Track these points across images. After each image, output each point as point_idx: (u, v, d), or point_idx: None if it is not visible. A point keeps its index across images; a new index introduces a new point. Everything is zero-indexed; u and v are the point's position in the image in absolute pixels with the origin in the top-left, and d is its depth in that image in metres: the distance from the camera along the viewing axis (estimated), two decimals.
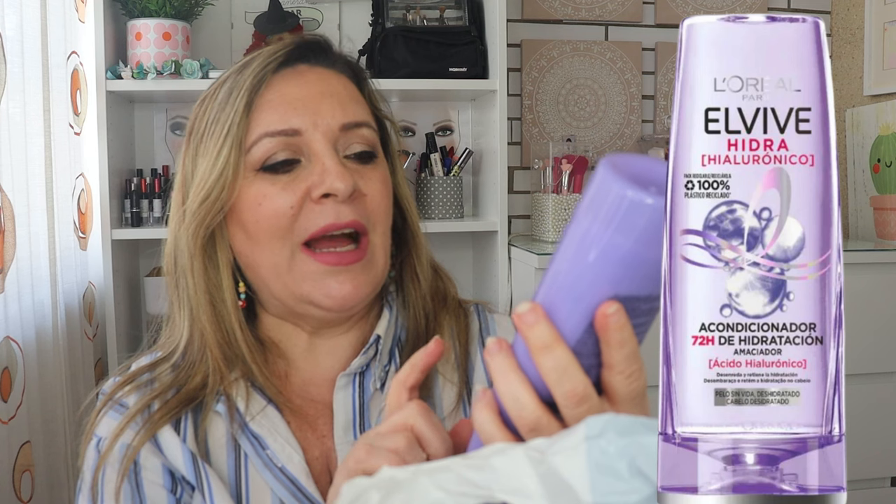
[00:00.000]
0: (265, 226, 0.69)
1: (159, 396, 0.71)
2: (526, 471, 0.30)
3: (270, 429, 0.70)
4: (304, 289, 0.69)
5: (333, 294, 0.68)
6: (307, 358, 0.75)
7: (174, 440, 0.69)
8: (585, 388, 0.38)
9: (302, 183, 0.69)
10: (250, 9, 2.00)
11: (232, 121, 0.69)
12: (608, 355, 0.38)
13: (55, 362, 1.53)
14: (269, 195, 0.68)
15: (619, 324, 0.37)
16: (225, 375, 0.71)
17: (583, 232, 0.36)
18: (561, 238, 0.38)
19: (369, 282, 0.71)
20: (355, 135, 0.71)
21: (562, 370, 0.38)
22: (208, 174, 0.69)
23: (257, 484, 0.69)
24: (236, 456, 0.70)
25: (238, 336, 0.71)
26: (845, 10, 2.25)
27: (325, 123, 0.69)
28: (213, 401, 0.71)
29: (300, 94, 0.70)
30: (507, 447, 0.31)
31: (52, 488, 1.51)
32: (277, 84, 0.71)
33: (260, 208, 0.69)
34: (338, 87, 0.72)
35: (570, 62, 2.20)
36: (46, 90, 1.53)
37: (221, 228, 0.72)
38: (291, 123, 0.69)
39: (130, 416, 0.70)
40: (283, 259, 0.69)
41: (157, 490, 0.68)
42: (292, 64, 0.73)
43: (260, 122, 0.70)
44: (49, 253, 1.54)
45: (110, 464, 0.68)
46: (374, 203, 0.71)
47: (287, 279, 0.69)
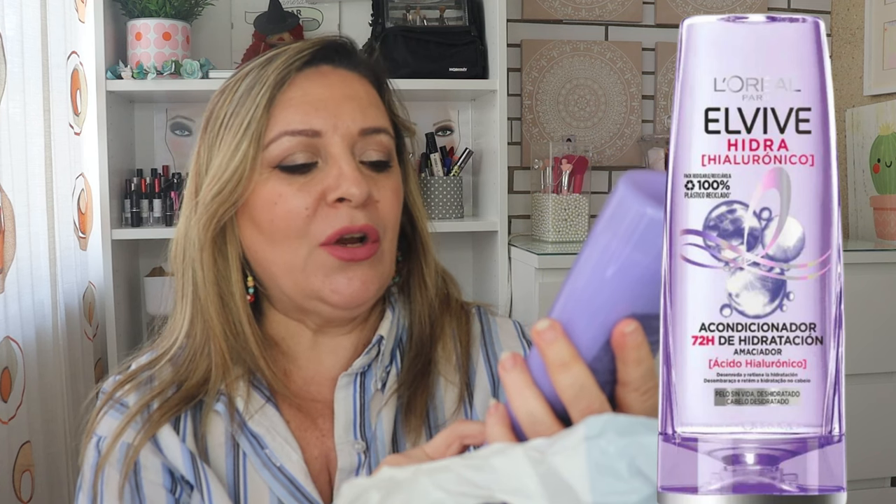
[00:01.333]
0: (281, 226, 0.68)
1: (159, 395, 0.71)
2: (526, 471, 0.30)
3: (269, 428, 0.70)
4: (315, 284, 0.69)
5: (342, 290, 0.69)
6: (310, 356, 0.76)
7: (173, 440, 0.69)
8: (602, 406, 0.38)
9: (318, 185, 0.69)
10: (250, 9, 2.00)
11: (252, 115, 0.69)
12: (624, 373, 0.38)
13: (55, 362, 1.53)
14: (285, 195, 0.68)
15: (636, 342, 0.37)
16: (228, 370, 0.71)
17: (601, 248, 0.36)
18: (578, 256, 0.38)
19: (376, 280, 0.71)
20: (373, 140, 0.71)
21: (579, 387, 0.37)
22: (224, 168, 0.69)
23: (256, 483, 0.69)
24: (235, 455, 0.70)
25: (246, 329, 0.71)
26: (845, 10, 2.25)
27: (344, 126, 0.69)
28: (213, 400, 0.71)
29: (322, 95, 0.70)
30: (507, 447, 0.31)
31: (52, 488, 1.51)
32: (301, 82, 0.71)
33: (275, 208, 0.69)
34: (359, 91, 0.72)
35: (570, 62, 2.20)
36: (46, 90, 1.53)
37: (232, 222, 0.72)
38: (312, 124, 0.69)
39: (131, 416, 0.70)
40: (300, 258, 0.69)
41: (156, 490, 0.68)
42: (316, 64, 0.72)
43: (280, 119, 0.69)
44: (49, 253, 1.54)
45: (111, 463, 0.68)
46: (385, 210, 0.71)
47: (299, 276, 0.69)
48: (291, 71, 0.70)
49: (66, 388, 1.56)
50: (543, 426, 0.38)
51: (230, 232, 0.72)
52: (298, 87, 0.70)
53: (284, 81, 0.70)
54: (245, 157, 0.68)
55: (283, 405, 0.73)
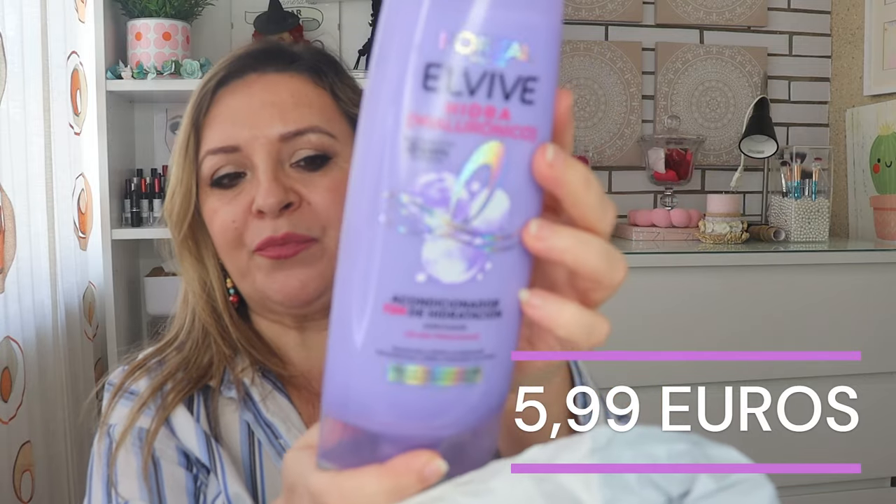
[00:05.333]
0: (220, 239, 0.71)
1: (171, 377, 0.72)
2: (529, 491, 0.29)
3: (283, 418, 0.71)
4: (259, 285, 0.70)
5: (281, 288, 0.69)
6: (300, 353, 0.76)
7: (188, 422, 0.70)
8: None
9: (246, 196, 0.69)
10: (250, 9, 2.00)
11: (183, 139, 0.71)
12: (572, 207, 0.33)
13: (55, 362, 1.53)
14: (218, 210, 0.70)
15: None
16: (231, 359, 0.72)
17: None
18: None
19: (317, 278, 0.70)
20: (300, 142, 0.70)
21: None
22: (172, 188, 0.72)
23: (272, 472, 0.69)
24: (250, 443, 0.70)
25: (232, 332, 0.73)
26: (845, 10, 2.25)
27: (263, 136, 0.69)
28: (224, 387, 0.72)
29: (242, 107, 0.70)
30: (507, 467, 0.30)
31: (52, 488, 1.51)
32: (224, 98, 0.71)
33: (213, 223, 0.71)
34: (283, 95, 0.71)
35: (569, 62, 2.20)
36: (46, 90, 1.53)
37: (204, 232, 0.74)
38: (232, 140, 0.69)
39: (143, 400, 0.70)
40: (243, 263, 0.71)
41: (175, 470, 0.68)
42: (242, 74, 0.72)
43: (206, 138, 0.71)
44: (49, 253, 1.54)
45: (126, 449, 0.68)
46: (322, 209, 0.70)
47: (247, 280, 0.71)
48: (209, 91, 0.71)
49: (66, 388, 1.56)
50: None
51: (203, 242, 0.74)
52: (222, 103, 0.71)
53: (204, 102, 0.71)
54: (181, 179, 0.71)
55: (294, 394, 0.73)
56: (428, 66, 0.29)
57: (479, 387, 0.32)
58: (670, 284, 1.68)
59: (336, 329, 0.32)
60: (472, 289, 0.30)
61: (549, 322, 0.32)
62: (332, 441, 0.33)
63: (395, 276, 0.30)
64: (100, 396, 0.76)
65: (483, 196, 0.30)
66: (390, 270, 0.30)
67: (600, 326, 0.33)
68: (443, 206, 0.30)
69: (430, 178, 0.29)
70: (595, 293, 0.34)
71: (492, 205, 0.30)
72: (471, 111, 0.29)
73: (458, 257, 0.30)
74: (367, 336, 0.30)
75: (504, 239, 0.30)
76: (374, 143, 0.30)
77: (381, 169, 0.30)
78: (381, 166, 0.30)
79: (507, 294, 0.31)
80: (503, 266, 0.31)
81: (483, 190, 0.30)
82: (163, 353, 0.75)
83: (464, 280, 0.30)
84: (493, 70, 0.29)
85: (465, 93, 0.29)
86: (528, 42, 0.29)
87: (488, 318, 0.31)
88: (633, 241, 1.94)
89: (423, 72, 0.29)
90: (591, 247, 0.32)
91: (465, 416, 0.32)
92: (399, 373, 0.30)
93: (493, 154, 0.30)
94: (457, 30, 0.29)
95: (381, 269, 0.30)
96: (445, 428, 0.32)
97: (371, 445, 0.33)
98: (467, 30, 0.29)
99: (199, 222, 0.73)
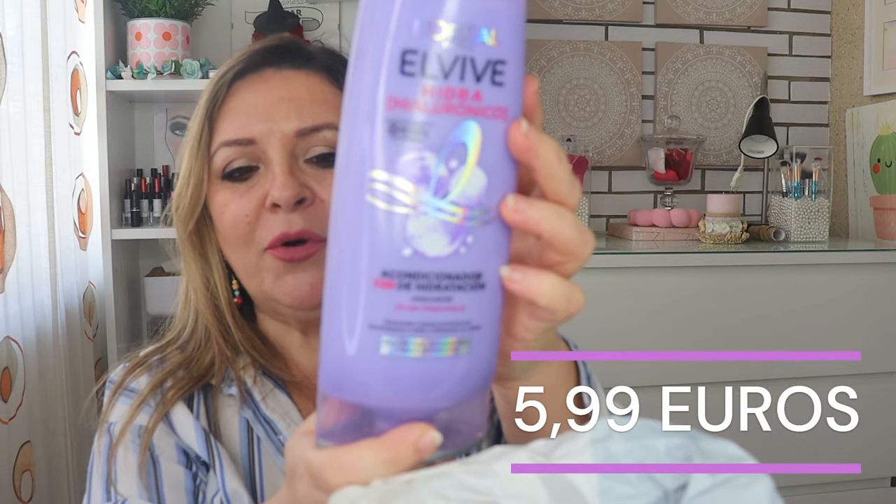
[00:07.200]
0: (230, 234, 0.70)
1: (171, 374, 0.72)
2: (530, 475, 0.29)
3: (283, 415, 0.71)
4: (267, 288, 0.70)
5: (291, 292, 0.69)
6: (303, 354, 0.76)
7: (187, 418, 0.70)
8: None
9: (259, 190, 0.69)
10: (250, 9, 2.00)
11: (196, 131, 0.71)
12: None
13: (55, 362, 1.53)
14: (229, 203, 0.70)
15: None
16: (234, 360, 0.72)
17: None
18: None
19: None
20: (316, 138, 0.70)
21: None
22: (183, 180, 0.72)
23: (271, 468, 0.69)
24: (249, 440, 0.70)
25: (235, 333, 0.73)
26: (845, 10, 2.25)
27: (279, 130, 0.69)
28: (224, 384, 0.72)
29: (258, 101, 0.70)
30: (510, 451, 0.31)
31: (52, 488, 1.51)
32: (240, 92, 0.71)
33: (223, 216, 0.70)
34: (300, 91, 0.71)
35: (570, 62, 2.20)
36: (46, 90, 1.53)
37: (209, 230, 0.73)
38: (247, 133, 0.69)
39: (143, 397, 0.70)
40: (252, 262, 0.70)
41: (174, 467, 0.68)
42: (259, 69, 0.73)
43: (220, 130, 0.71)
44: (49, 253, 1.54)
45: (125, 445, 0.68)
46: None
47: (255, 280, 0.70)
48: (225, 83, 0.71)
49: (66, 388, 1.56)
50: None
51: (208, 240, 0.74)
52: (237, 97, 0.71)
53: (219, 95, 0.71)
54: (192, 171, 0.71)
55: (294, 392, 0.73)
56: (404, 53, 0.31)
57: (468, 357, 0.34)
58: (670, 284, 1.67)
59: (329, 307, 0.34)
60: (455, 262, 0.32)
61: (531, 294, 0.34)
62: (330, 421, 0.35)
63: (383, 252, 0.32)
64: (100, 395, 0.76)
65: (461, 173, 0.32)
66: (378, 246, 0.32)
67: (577, 294, 0.36)
68: (424, 184, 0.32)
69: (412, 157, 0.31)
70: (566, 266, 0.36)
71: (470, 181, 0.32)
72: (445, 94, 0.31)
73: (441, 232, 0.32)
74: (360, 311, 0.32)
75: (483, 213, 0.33)
76: (357, 126, 0.32)
77: (364, 151, 0.32)
78: (365, 148, 0.32)
79: (490, 267, 0.33)
80: (484, 239, 0.33)
81: (461, 167, 0.32)
82: (164, 352, 0.75)
83: (447, 253, 0.32)
84: (465, 55, 0.31)
85: (440, 76, 0.31)
86: (495, 27, 0.32)
87: (472, 290, 0.33)
88: (633, 241, 1.94)
89: (400, 58, 0.31)
90: (564, 218, 0.34)
91: (456, 388, 0.34)
92: (391, 345, 0.32)
93: (469, 133, 0.32)
94: (429, 18, 0.31)
95: (369, 245, 0.32)
96: (439, 400, 0.34)
97: (367, 422, 0.34)
98: (439, 18, 0.31)
99: (204, 218, 0.73)
